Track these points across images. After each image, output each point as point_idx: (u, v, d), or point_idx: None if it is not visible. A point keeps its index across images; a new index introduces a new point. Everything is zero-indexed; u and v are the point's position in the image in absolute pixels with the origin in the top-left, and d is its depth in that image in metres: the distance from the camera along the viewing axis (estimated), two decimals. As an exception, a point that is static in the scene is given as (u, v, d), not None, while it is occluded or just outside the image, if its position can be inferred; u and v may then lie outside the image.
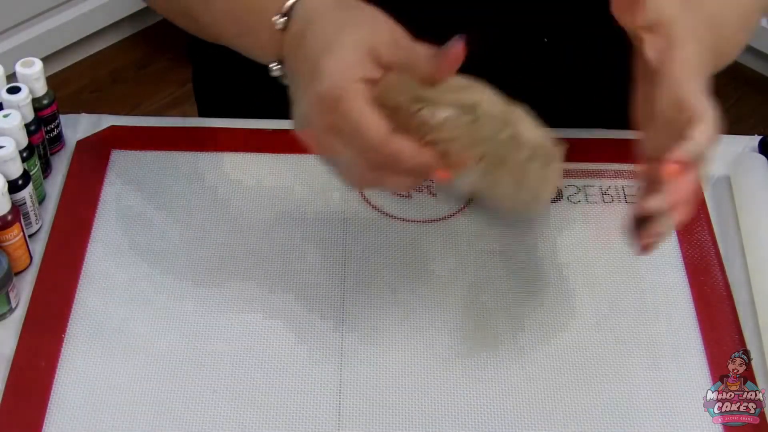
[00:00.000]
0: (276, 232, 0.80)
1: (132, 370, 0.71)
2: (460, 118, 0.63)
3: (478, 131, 0.64)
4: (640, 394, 0.71)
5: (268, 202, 0.82)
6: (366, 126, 0.60)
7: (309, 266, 0.78)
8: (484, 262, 0.79)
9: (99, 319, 0.74)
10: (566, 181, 0.85)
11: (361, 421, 0.69)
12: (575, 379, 0.72)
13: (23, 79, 0.79)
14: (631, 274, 0.78)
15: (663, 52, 0.64)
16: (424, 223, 0.82)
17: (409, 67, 0.62)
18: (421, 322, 0.75)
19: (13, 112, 0.76)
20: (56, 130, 0.85)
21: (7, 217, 0.73)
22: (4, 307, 0.74)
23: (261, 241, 0.80)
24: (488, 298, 0.76)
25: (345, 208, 0.82)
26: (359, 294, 0.76)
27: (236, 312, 0.75)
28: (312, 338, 0.73)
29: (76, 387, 0.70)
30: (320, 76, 0.61)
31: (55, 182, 0.84)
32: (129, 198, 0.82)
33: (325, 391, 0.70)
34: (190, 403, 0.69)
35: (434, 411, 0.70)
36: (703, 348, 0.74)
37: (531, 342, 0.74)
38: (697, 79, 0.64)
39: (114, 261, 0.78)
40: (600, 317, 0.76)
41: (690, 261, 0.79)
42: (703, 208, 0.83)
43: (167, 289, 0.76)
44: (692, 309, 0.76)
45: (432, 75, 0.62)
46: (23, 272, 0.77)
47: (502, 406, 0.70)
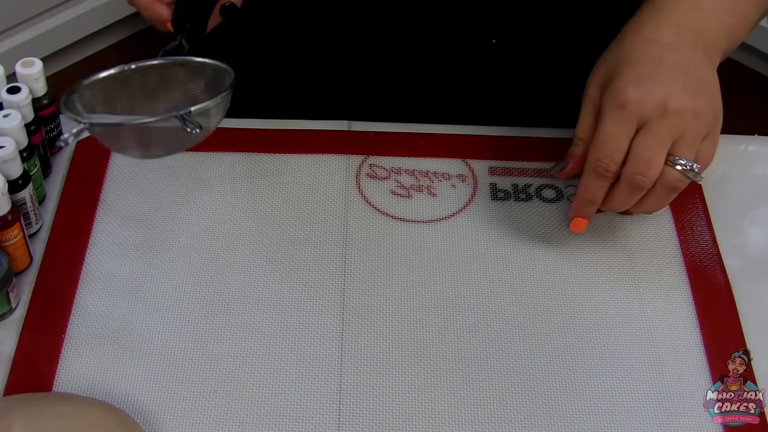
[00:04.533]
0: (276, 232, 0.80)
1: (132, 370, 0.71)
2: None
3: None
4: (640, 394, 0.71)
5: (268, 202, 0.82)
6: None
7: (309, 266, 0.78)
8: (483, 262, 0.79)
9: (99, 319, 0.74)
10: (566, 181, 0.85)
11: (361, 421, 0.69)
12: (575, 379, 0.72)
13: (23, 79, 0.79)
14: (631, 274, 0.78)
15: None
16: (424, 223, 0.82)
17: None
18: (422, 322, 0.75)
19: (13, 112, 0.76)
20: (56, 130, 0.85)
21: (7, 217, 0.73)
22: (4, 307, 0.74)
23: (261, 241, 0.80)
24: (488, 298, 0.76)
25: (345, 208, 0.82)
26: (359, 294, 0.76)
27: (236, 312, 0.75)
28: (312, 338, 0.73)
29: (76, 387, 0.70)
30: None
31: (55, 182, 0.84)
32: (129, 198, 0.82)
33: (325, 391, 0.70)
34: (190, 403, 0.69)
35: (434, 411, 0.70)
36: (703, 348, 0.74)
37: (531, 342, 0.74)
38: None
39: (114, 261, 0.78)
40: (600, 317, 0.76)
41: (690, 261, 0.79)
42: (703, 208, 0.83)
43: (167, 290, 0.76)
44: (692, 309, 0.76)
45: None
46: (23, 272, 0.77)
47: (501, 406, 0.70)
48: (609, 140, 0.70)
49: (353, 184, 0.84)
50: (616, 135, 0.69)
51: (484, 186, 0.84)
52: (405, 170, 0.85)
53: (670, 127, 0.68)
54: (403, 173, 0.85)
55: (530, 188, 0.84)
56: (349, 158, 0.86)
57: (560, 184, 0.84)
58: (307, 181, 0.84)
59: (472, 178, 0.85)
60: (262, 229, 0.80)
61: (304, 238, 0.80)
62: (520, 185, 0.85)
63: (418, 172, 0.85)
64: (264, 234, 0.80)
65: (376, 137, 0.88)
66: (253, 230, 0.80)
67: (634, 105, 0.68)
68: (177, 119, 0.67)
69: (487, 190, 0.84)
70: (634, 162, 0.69)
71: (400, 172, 0.85)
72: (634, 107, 0.68)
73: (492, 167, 0.86)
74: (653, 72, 0.69)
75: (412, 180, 0.85)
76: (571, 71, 0.90)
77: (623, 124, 0.69)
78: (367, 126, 0.89)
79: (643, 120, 0.69)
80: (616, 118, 0.69)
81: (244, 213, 0.82)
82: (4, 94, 0.78)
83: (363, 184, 0.84)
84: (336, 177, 0.84)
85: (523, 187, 0.84)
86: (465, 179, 0.85)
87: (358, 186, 0.84)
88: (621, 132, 0.69)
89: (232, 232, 0.80)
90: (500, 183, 0.85)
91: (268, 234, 0.80)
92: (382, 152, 0.86)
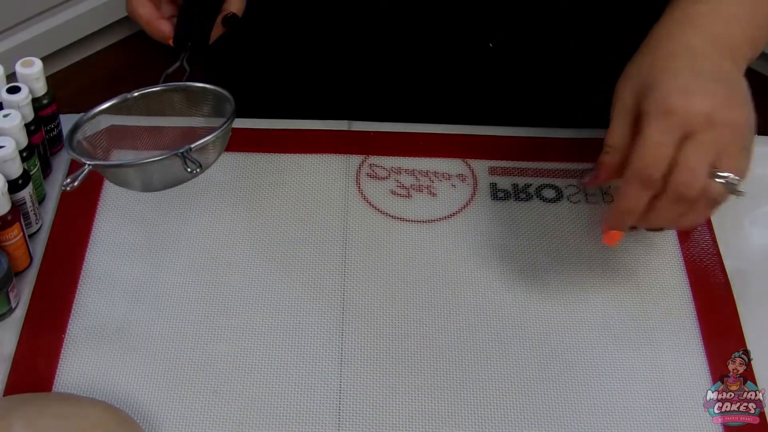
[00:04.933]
0: (276, 232, 0.80)
1: (132, 370, 0.71)
2: None
3: None
4: (640, 394, 0.71)
5: (268, 202, 0.82)
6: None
7: (309, 266, 0.78)
8: (483, 263, 0.79)
9: (99, 319, 0.74)
10: (566, 181, 0.85)
11: (361, 421, 0.69)
12: (575, 379, 0.72)
13: (23, 79, 0.79)
14: (631, 274, 0.78)
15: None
16: (424, 223, 0.82)
17: None
18: (421, 322, 0.75)
19: (13, 112, 0.76)
20: (56, 130, 0.85)
21: (7, 217, 0.73)
22: (4, 307, 0.74)
23: (261, 241, 0.80)
24: (488, 298, 0.76)
25: (345, 208, 0.82)
26: (359, 294, 0.76)
27: (236, 312, 0.75)
28: (312, 338, 0.73)
29: (76, 387, 0.70)
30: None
31: (55, 182, 0.84)
32: (129, 198, 0.82)
33: (325, 390, 0.70)
34: (190, 403, 0.69)
35: (434, 411, 0.70)
36: (703, 348, 0.74)
37: (530, 342, 0.74)
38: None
39: (114, 261, 0.78)
40: (600, 317, 0.76)
41: (690, 261, 0.79)
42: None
43: (167, 290, 0.76)
44: (692, 309, 0.76)
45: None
46: (23, 272, 0.77)
47: (501, 405, 0.70)
48: (654, 148, 0.67)
49: (353, 184, 0.84)
50: (661, 143, 0.67)
51: (484, 186, 0.84)
52: (405, 170, 0.85)
53: (716, 139, 0.67)
54: (403, 173, 0.85)
55: (530, 188, 0.84)
56: (349, 158, 0.86)
57: (560, 184, 0.84)
58: (307, 181, 0.84)
59: (472, 178, 0.85)
60: (262, 228, 0.80)
61: (304, 238, 0.80)
62: (520, 185, 0.85)
63: (418, 172, 0.85)
64: (264, 234, 0.80)
65: (376, 137, 0.88)
66: (253, 230, 0.80)
67: (681, 114, 0.67)
68: (177, 158, 0.68)
69: (487, 190, 0.84)
70: (680, 172, 0.67)
71: (400, 172, 0.85)
72: (681, 116, 0.67)
73: (492, 167, 0.86)
74: (696, 82, 0.68)
75: (412, 180, 0.85)
76: (571, 72, 0.90)
77: (669, 133, 0.67)
78: (367, 126, 0.89)
79: (689, 130, 0.67)
80: (661, 126, 0.67)
81: (244, 213, 0.81)
82: (4, 93, 0.78)
83: (363, 184, 0.84)
84: (336, 177, 0.84)
85: (523, 187, 0.84)
86: (465, 179, 0.85)
87: (358, 186, 0.84)
88: (666, 140, 0.67)
89: (231, 231, 0.80)
90: (500, 183, 0.85)
91: (268, 234, 0.80)
92: (382, 152, 0.87)
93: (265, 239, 0.80)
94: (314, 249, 0.79)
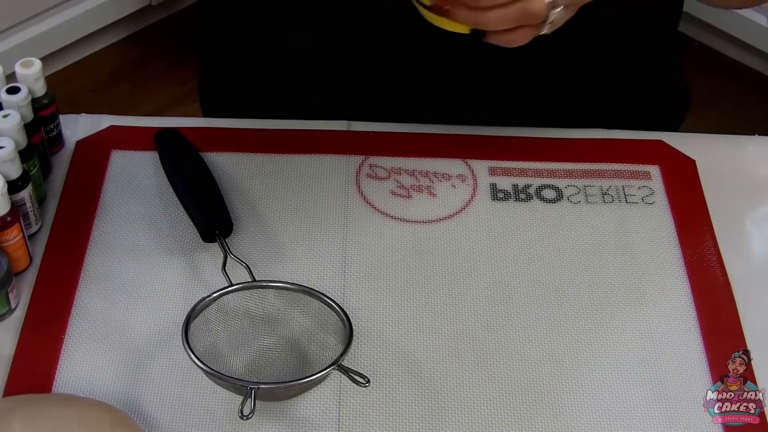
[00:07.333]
0: (275, 231, 0.80)
1: (132, 370, 0.71)
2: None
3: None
4: (641, 394, 0.71)
5: (267, 202, 0.82)
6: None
7: (308, 266, 0.78)
8: (483, 263, 0.79)
9: (99, 319, 0.74)
10: (566, 181, 0.85)
11: (361, 421, 0.69)
12: (575, 378, 0.72)
13: (23, 79, 0.79)
14: (631, 274, 0.78)
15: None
16: (424, 223, 0.82)
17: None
18: (421, 322, 0.75)
19: (12, 112, 0.76)
20: (56, 130, 0.85)
21: (7, 217, 0.73)
22: (4, 307, 0.74)
23: (261, 241, 0.80)
24: (488, 298, 0.76)
25: (345, 208, 0.82)
26: (359, 294, 0.76)
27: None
28: (312, 338, 0.73)
29: (75, 387, 0.70)
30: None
31: (55, 182, 0.84)
32: (129, 198, 0.82)
33: (325, 391, 0.70)
34: (191, 404, 0.69)
35: (434, 411, 0.70)
36: (703, 348, 0.74)
37: (530, 342, 0.74)
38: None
39: (114, 261, 0.78)
40: (600, 317, 0.76)
41: (690, 261, 0.79)
42: (704, 208, 0.83)
43: (167, 290, 0.76)
44: (692, 309, 0.76)
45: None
46: (23, 272, 0.77)
47: (502, 405, 0.70)
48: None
49: (353, 184, 0.84)
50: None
51: (484, 186, 0.84)
52: (405, 170, 0.85)
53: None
54: (403, 173, 0.85)
55: (530, 188, 0.84)
56: (349, 158, 0.86)
57: (560, 184, 0.84)
58: (307, 181, 0.84)
59: (472, 178, 0.85)
60: (261, 228, 0.80)
61: (304, 237, 0.80)
62: (520, 185, 0.85)
63: (418, 172, 0.85)
64: (263, 233, 0.80)
65: (376, 137, 0.88)
66: (253, 230, 0.80)
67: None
68: (340, 371, 0.66)
69: (487, 190, 0.84)
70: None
71: (400, 172, 0.85)
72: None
73: (492, 167, 0.86)
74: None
75: (412, 180, 0.85)
76: (571, 72, 0.90)
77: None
78: (367, 126, 0.89)
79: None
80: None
81: (244, 212, 0.81)
82: (3, 94, 0.78)
83: (363, 184, 0.84)
84: (336, 177, 0.84)
85: (523, 187, 0.84)
86: (465, 179, 0.85)
87: (358, 186, 0.84)
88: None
89: (231, 231, 0.80)
90: (500, 183, 0.85)
91: (267, 233, 0.80)
92: (382, 152, 0.86)
93: (265, 239, 0.80)
94: (314, 249, 0.79)
